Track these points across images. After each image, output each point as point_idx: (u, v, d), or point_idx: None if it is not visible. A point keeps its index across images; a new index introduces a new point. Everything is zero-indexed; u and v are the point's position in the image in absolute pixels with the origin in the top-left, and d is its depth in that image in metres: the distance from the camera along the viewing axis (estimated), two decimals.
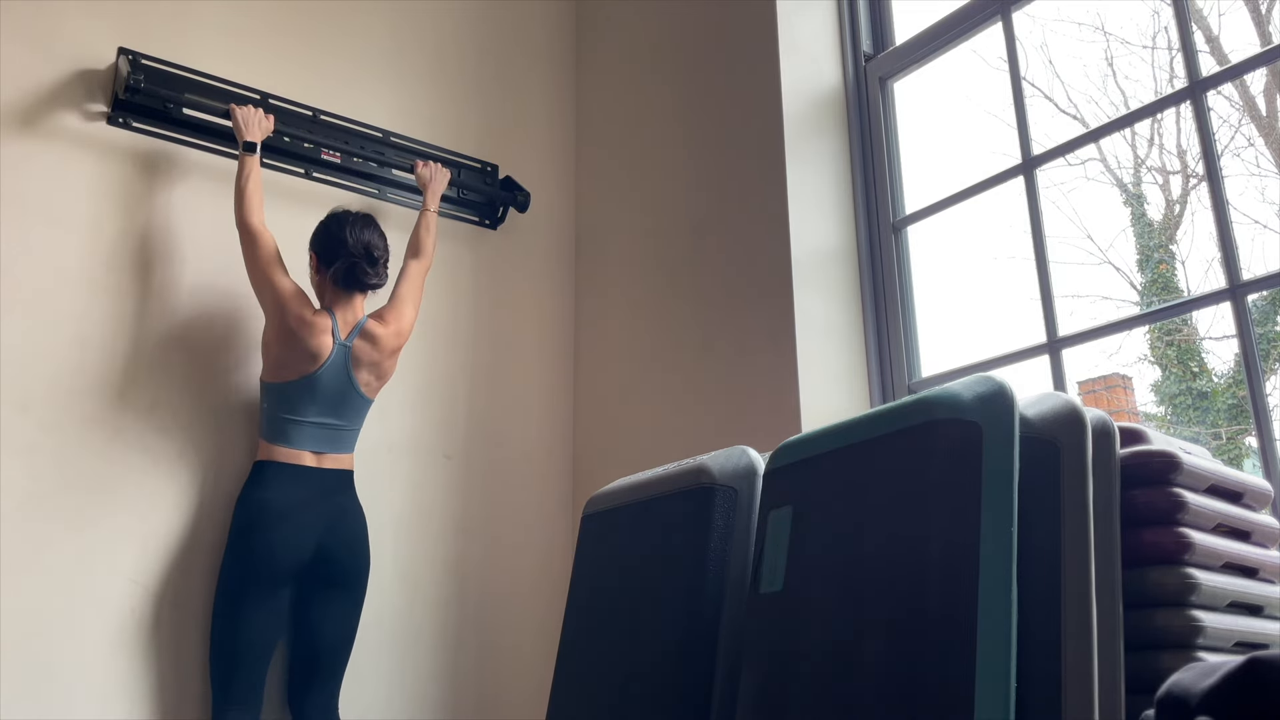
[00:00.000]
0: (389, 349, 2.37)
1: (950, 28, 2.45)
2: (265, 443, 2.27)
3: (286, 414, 2.25)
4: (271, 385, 2.28)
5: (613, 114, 3.12)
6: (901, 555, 1.30)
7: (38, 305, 2.25)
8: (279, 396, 2.26)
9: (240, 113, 2.42)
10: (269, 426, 2.27)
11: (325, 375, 2.27)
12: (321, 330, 2.27)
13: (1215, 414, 2.85)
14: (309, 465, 2.26)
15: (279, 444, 2.25)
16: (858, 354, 2.40)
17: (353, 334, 2.32)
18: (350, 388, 2.31)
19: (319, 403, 2.27)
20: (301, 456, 2.25)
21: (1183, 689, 0.83)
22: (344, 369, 2.29)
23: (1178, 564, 1.31)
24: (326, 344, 2.27)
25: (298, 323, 2.24)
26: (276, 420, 2.26)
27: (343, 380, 2.29)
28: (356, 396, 2.33)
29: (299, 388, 2.25)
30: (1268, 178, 2.46)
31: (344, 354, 2.30)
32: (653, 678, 1.68)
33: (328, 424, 2.29)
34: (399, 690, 2.51)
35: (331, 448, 2.30)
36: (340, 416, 2.31)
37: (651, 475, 1.95)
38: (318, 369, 2.26)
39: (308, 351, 2.25)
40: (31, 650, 2.09)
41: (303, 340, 2.24)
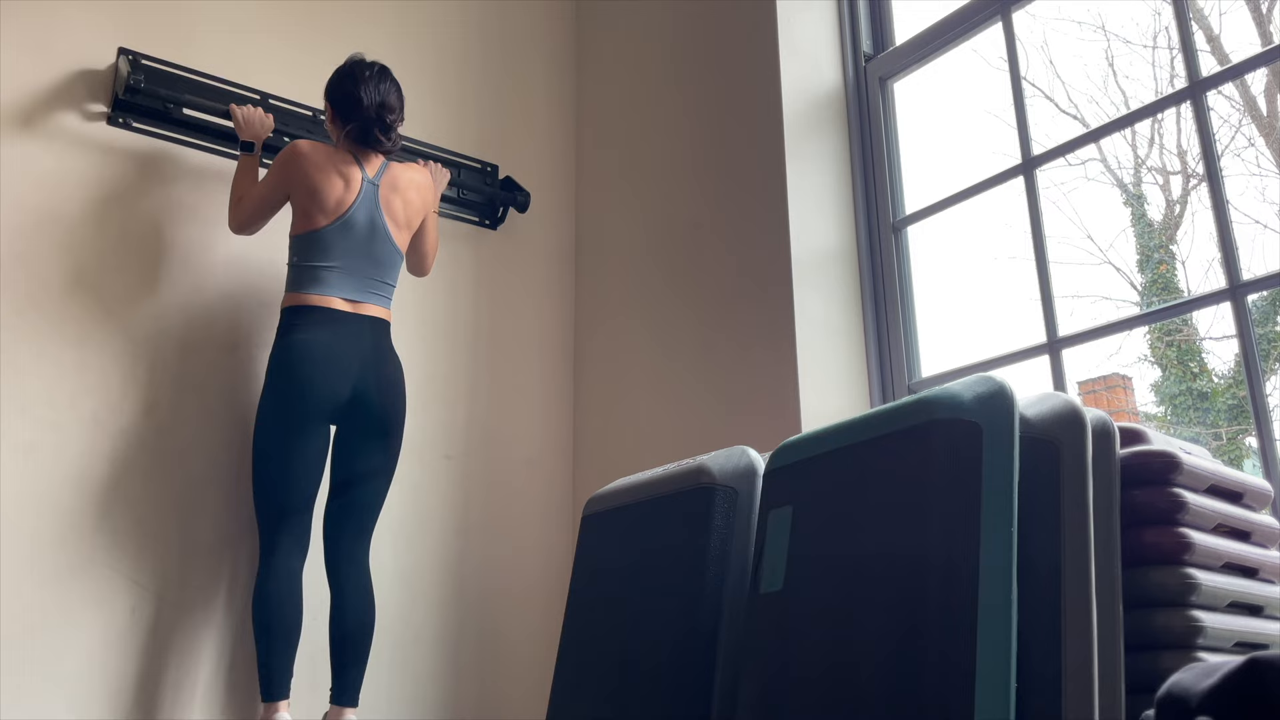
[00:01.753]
0: (416, 185, 2.38)
1: (950, 28, 2.45)
2: (293, 293, 2.23)
3: (317, 261, 2.22)
4: (302, 235, 2.25)
5: (613, 114, 3.12)
6: (901, 555, 1.30)
7: (38, 305, 2.25)
8: (309, 244, 2.24)
9: (240, 112, 2.42)
10: (299, 276, 2.23)
11: (358, 214, 2.26)
12: (347, 161, 2.28)
13: (1215, 414, 2.85)
14: (343, 309, 2.23)
15: (309, 291, 2.21)
16: (858, 354, 2.40)
17: (379, 173, 2.32)
18: (381, 228, 2.29)
19: (351, 247, 2.25)
20: (333, 301, 2.22)
21: (1183, 689, 0.83)
22: (374, 206, 2.29)
23: (1178, 564, 1.31)
24: (355, 175, 2.27)
25: (315, 151, 2.25)
26: (306, 269, 2.23)
27: (374, 219, 2.28)
28: (387, 241, 2.30)
29: (330, 231, 2.23)
30: (1268, 178, 2.46)
31: (373, 191, 2.30)
32: (652, 678, 1.68)
33: (361, 272, 2.26)
34: (399, 690, 2.51)
35: (365, 296, 2.27)
36: (373, 266, 2.28)
37: (651, 475, 1.95)
38: (349, 208, 2.24)
39: (339, 175, 2.24)
40: (31, 650, 2.09)
41: (329, 168, 2.24)
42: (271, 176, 2.29)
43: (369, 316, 2.26)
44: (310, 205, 2.24)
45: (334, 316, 2.20)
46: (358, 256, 2.26)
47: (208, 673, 2.26)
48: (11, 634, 2.08)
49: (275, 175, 2.28)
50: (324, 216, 2.24)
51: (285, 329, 2.20)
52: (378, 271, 2.29)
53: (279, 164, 2.27)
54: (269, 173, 2.30)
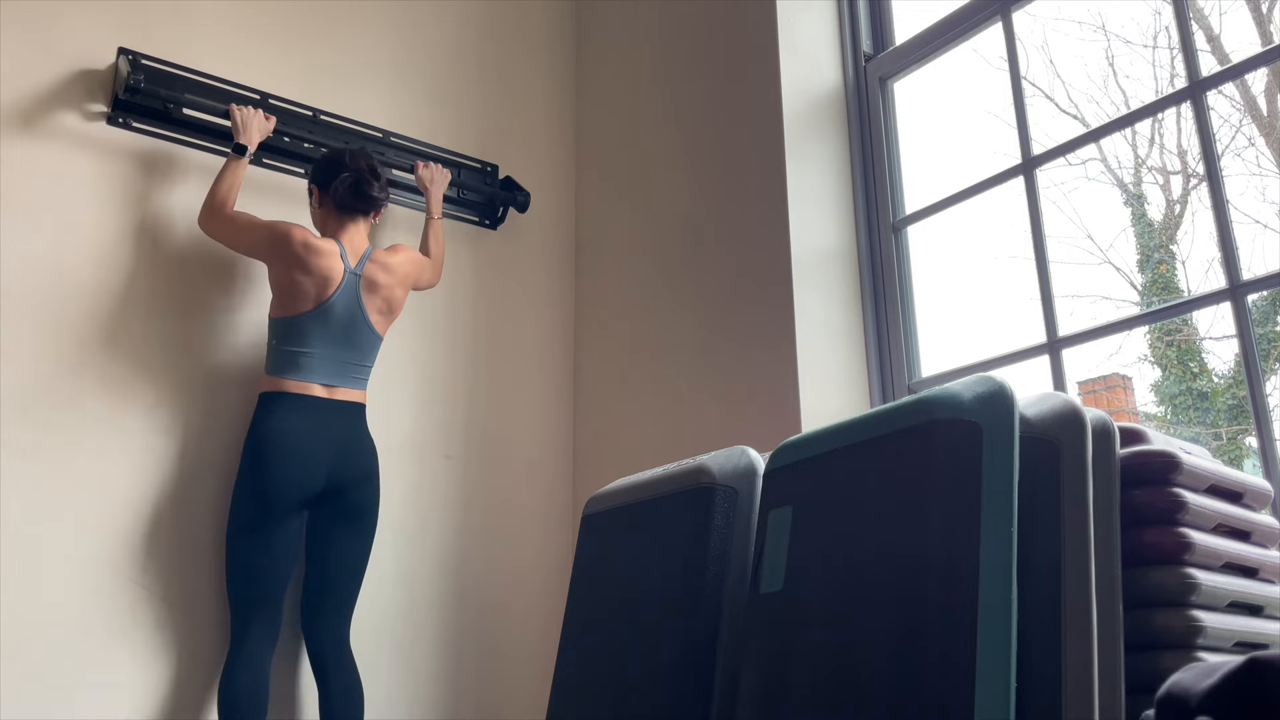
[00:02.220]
0: (401, 274, 2.39)
1: (950, 28, 2.45)
2: (272, 377, 2.25)
3: (296, 346, 2.23)
4: (281, 319, 2.26)
5: (613, 114, 3.12)
6: (902, 555, 1.30)
7: (38, 305, 2.25)
8: (289, 329, 2.24)
9: (240, 113, 2.42)
10: (277, 360, 2.24)
11: (337, 305, 2.26)
12: (329, 253, 2.27)
13: (1215, 414, 2.85)
14: (319, 396, 2.24)
15: (287, 376, 2.22)
16: (858, 354, 2.40)
17: (361, 262, 2.32)
18: (361, 319, 2.30)
19: (330, 335, 2.26)
20: (310, 388, 2.23)
21: (1183, 689, 0.83)
22: (355, 298, 2.29)
23: (1178, 564, 1.31)
24: (337, 267, 2.27)
25: (304, 248, 2.24)
26: (285, 353, 2.24)
27: (354, 310, 2.28)
28: (367, 330, 2.31)
29: (310, 319, 2.24)
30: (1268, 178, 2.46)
31: (355, 282, 2.29)
32: (653, 677, 1.68)
33: (338, 358, 2.27)
34: (399, 690, 2.51)
35: (342, 381, 2.28)
36: (351, 351, 2.29)
37: (651, 475, 1.95)
38: (329, 298, 2.24)
39: (320, 274, 2.24)
40: (32, 650, 2.09)
41: (311, 264, 2.23)
42: (262, 234, 2.28)
43: (344, 402, 2.27)
44: (291, 291, 2.24)
45: (309, 404, 2.22)
46: (336, 344, 2.27)
47: (208, 673, 2.26)
48: (11, 634, 2.08)
49: (265, 237, 2.27)
50: (304, 303, 2.24)
51: (261, 415, 2.21)
52: (355, 356, 2.31)
53: (273, 234, 2.26)
54: (263, 228, 2.28)
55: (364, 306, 2.31)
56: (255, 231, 2.29)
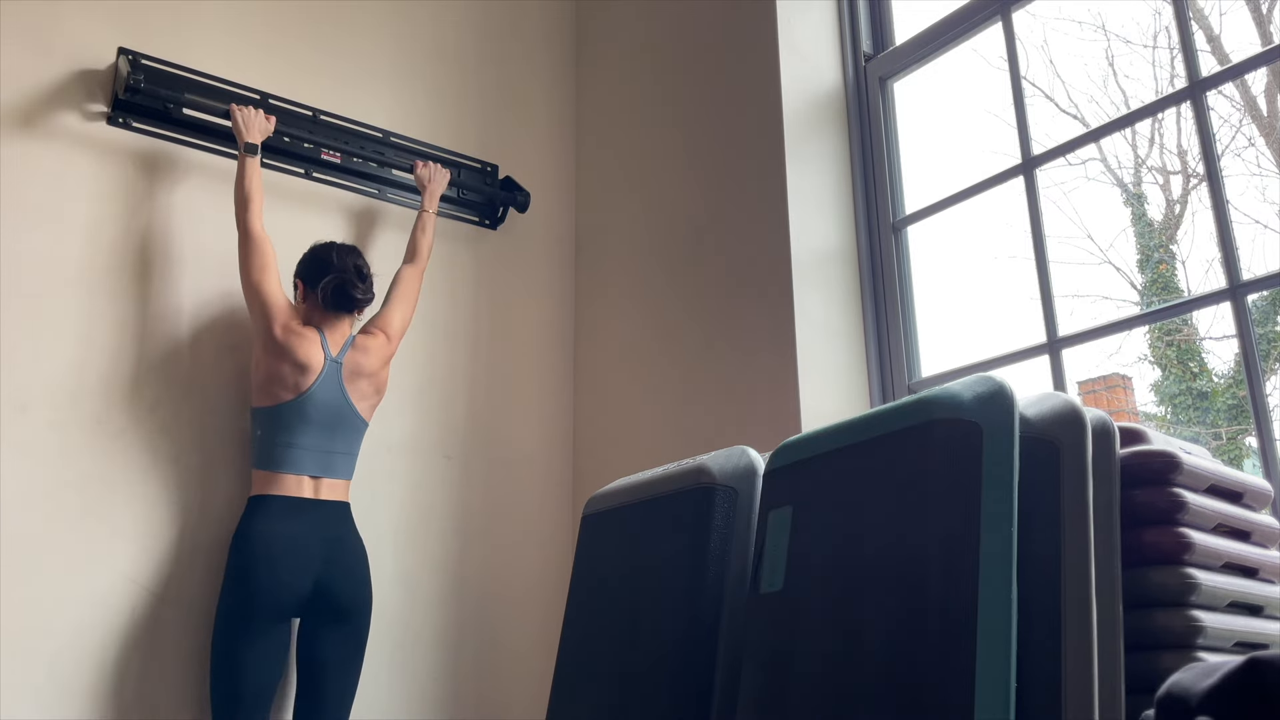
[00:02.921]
0: (381, 357, 2.37)
1: (950, 27, 2.44)
2: (259, 472, 2.22)
3: (280, 438, 2.21)
4: (263, 410, 2.24)
5: (613, 114, 3.12)
6: (901, 555, 1.30)
7: (38, 305, 2.25)
8: (272, 420, 2.22)
9: (240, 113, 2.42)
10: (262, 453, 2.22)
11: (319, 393, 2.24)
12: (310, 341, 2.26)
13: (1215, 414, 2.85)
14: (306, 497, 2.20)
15: (273, 470, 2.20)
16: (858, 354, 2.40)
17: (343, 350, 2.31)
18: (346, 407, 2.28)
19: (314, 425, 2.23)
20: (299, 484, 2.20)
21: (1183, 689, 0.83)
22: (338, 386, 2.27)
23: (1178, 564, 1.31)
24: (317, 356, 2.25)
25: (284, 332, 2.23)
26: (270, 446, 2.21)
27: (337, 399, 2.26)
28: (353, 416, 2.30)
29: (292, 409, 2.22)
30: (1268, 178, 2.46)
31: (336, 371, 2.28)
32: (652, 677, 1.68)
33: (324, 448, 2.25)
34: (399, 690, 2.51)
35: (328, 473, 2.25)
36: (337, 440, 2.27)
37: (651, 475, 1.95)
38: (310, 387, 2.23)
39: (297, 363, 2.22)
40: (32, 650, 2.09)
41: (291, 350, 2.22)
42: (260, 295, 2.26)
43: (331, 502, 2.24)
44: (271, 377, 2.23)
45: (296, 508, 2.18)
46: (321, 432, 2.25)
47: (206, 673, 2.26)
48: (11, 633, 2.08)
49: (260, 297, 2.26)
50: (285, 392, 2.23)
51: (247, 518, 2.18)
52: (341, 445, 2.28)
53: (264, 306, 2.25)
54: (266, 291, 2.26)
55: (348, 395, 2.29)
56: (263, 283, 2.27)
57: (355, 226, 2.75)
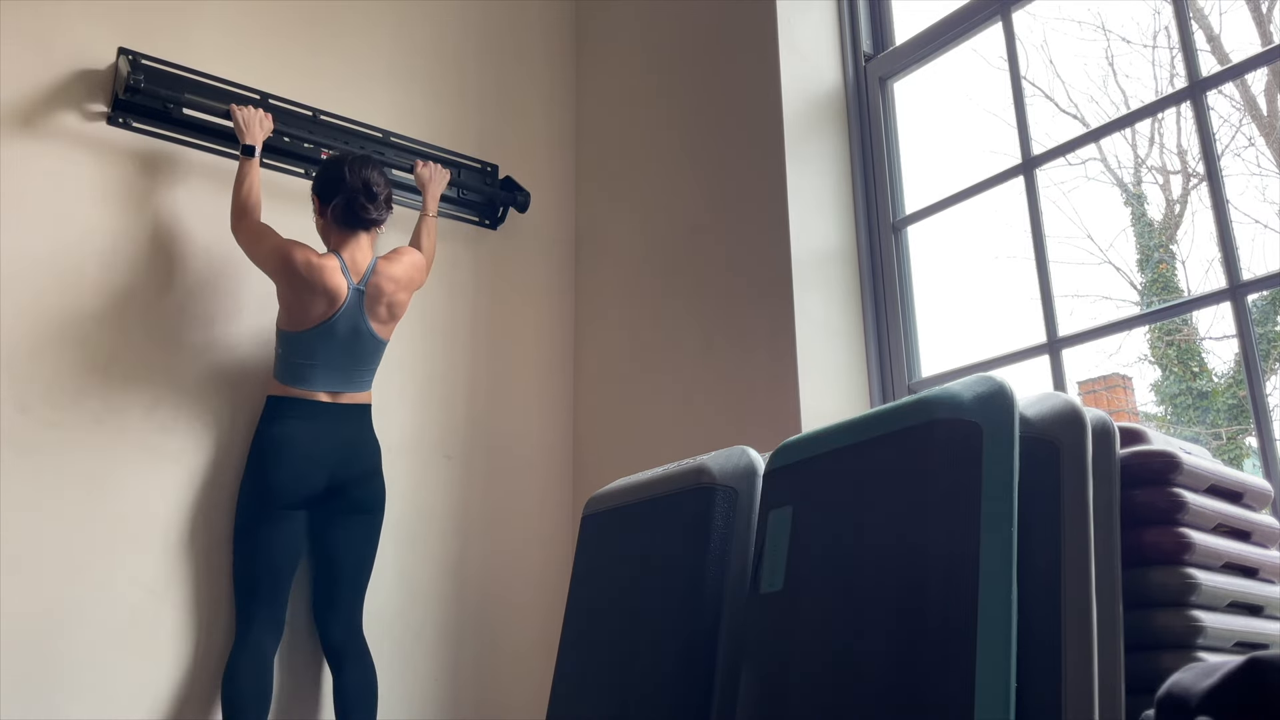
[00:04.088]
0: (405, 280, 2.39)
1: (950, 27, 2.44)
2: (278, 383, 2.31)
3: (302, 359, 2.28)
4: (287, 333, 2.30)
5: (613, 114, 3.12)
6: (901, 555, 1.30)
7: (38, 305, 2.25)
8: (294, 343, 2.28)
9: (241, 113, 2.42)
10: (284, 369, 2.30)
11: (340, 321, 2.28)
12: (332, 270, 2.27)
13: (1215, 414, 2.85)
14: (324, 400, 2.30)
15: (292, 384, 2.29)
16: (858, 354, 2.40)
17: (364, 277, 2.33)
18: (365, 331, 2.32)
19: (334, 348, 2.29)
20: (315, 395, 2.29)
21: (1183, 689, 0.83)
22: (358, 313, 2.31)
23: (1178, 564, 1.31)
24: (340, 285, 2.28)
25: (306, 266, 2.25)
26: (291, 364, 2.29)
27: (357, 323, 2.31)
28: (371, 340, 2.34)
29: (315, 334, 2.27)
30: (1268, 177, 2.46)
31: (358, 298, 2.31)
32: (653, 678, 1.68)
33: (343, 367, 2.32)
34: (399, 689, 2.51)
35: (346, 387, 2.34)
36: (355, 361, 2.33)
37: (651, 475, 1.95)
38: (334, 314, 2.27)
39: (324, 291, 2.25)
40: (32, 650, 2.09)
41: (315, 282, 2.24)
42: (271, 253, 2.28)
43: (348, 405, 2.33)
44: (296, 309, 2.27)
45: (313, 408, 2.29)
46: (340, 355, 2.31)
47: (207, 673, 2.26)
48: (12, 633, 2.08)
49: (272, 256, 2.28)
50: (309, 320, 2.27)
51: (266, 418, 2.29)
52: (359, 365, 2.35)
53: (278, 255, 2.27)
54: (272, 245, 2.28)
55: (367, 320, 2.33)
56: (267, 248, 2.30)
57: None
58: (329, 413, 2.30)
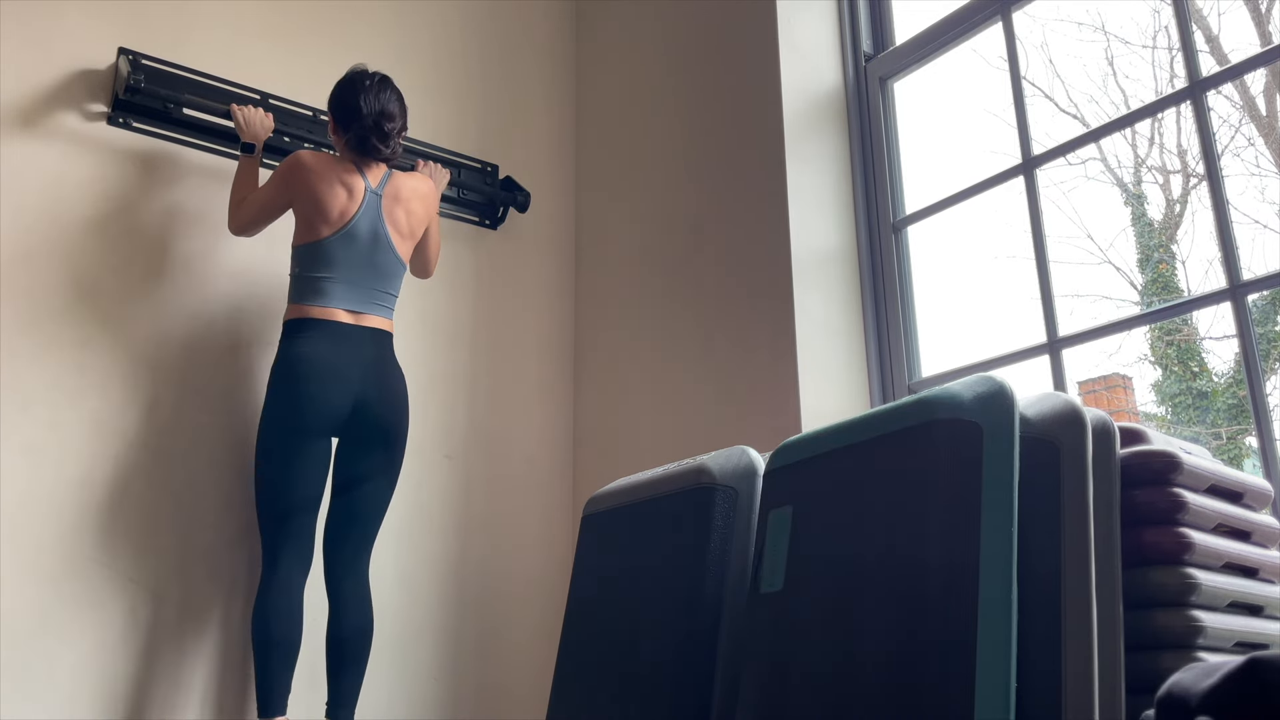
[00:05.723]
0: (421, 193, 2.37)
1: (950, 28, 2.45)
2: (295, 305, 2.22)
3: (319, 272, 2.22)
4: (304, 246, 2.25)
5: (613, 114, 3.12)
6: (902, 555, 1.30)
7: (38, 305, 2.25)
8: (312, 254, 2.23)
9: (241, 113, 2.42)
10: (300, 288, 2.23)
11: (360, 224, 2.25)
12: (350, 171, 2.27)
13: (1215, 414, 2.85)
14: (345, 321, 2.22)
15: (312, 302, 2.21)
16: (858, 354, 2.40)
17: (382, 183, 2.32)
18: (384, 239, 2.28)
19: (354, 258, 2.24)
20: (336, 314, 2.21)
21: (1183, 689, 0.83)
22: (377, 217, 2.28)
23: (1178, 564, 1.31)
24: (358, 183, 2.26)
25: (319, 162, 2.24)
26: (308, 280, 2.22)
27: (376, 230, 2.27)
28: (389, 252, 2.30)
29: (332, 243, 2.23)
30: (1268, 177, 2.46)
31: (376, 201, 2.29)
32: (653, 677, 1.68)
33: (363, 283, 2.25)
34: (399, 690, 2.51)
35: (368, 308, 2.26)
36: (375, 277, 2.28)
37: (651, 475, 1.95)
38: (352, 218, 2.23)
39: (342, 185, 2.23)
40: (32, 650, 2.09)
41: (332, 176, 2.23)
42: (273, 184, 2.28)
43: (371, 328, 2.25)
44: (313, 216, 2.23)
45: (336, 329, 2.19)
46: (360, 267, 2.25)
47: (206, 673, 2.26)
48: (11, 633, 2.08)
49: (277, 183, 2.28)
50: (327, 227, 2.23)
51: (287, 340, 2.19)
52: (380, 282, 2.29)
53: (282, 172, 2.27)
54: (271, 179, 2.29)
55: (386, 227, 2.29)
56: (273, 190, 2.28)
57: None
58: (352, 334, 2.20)
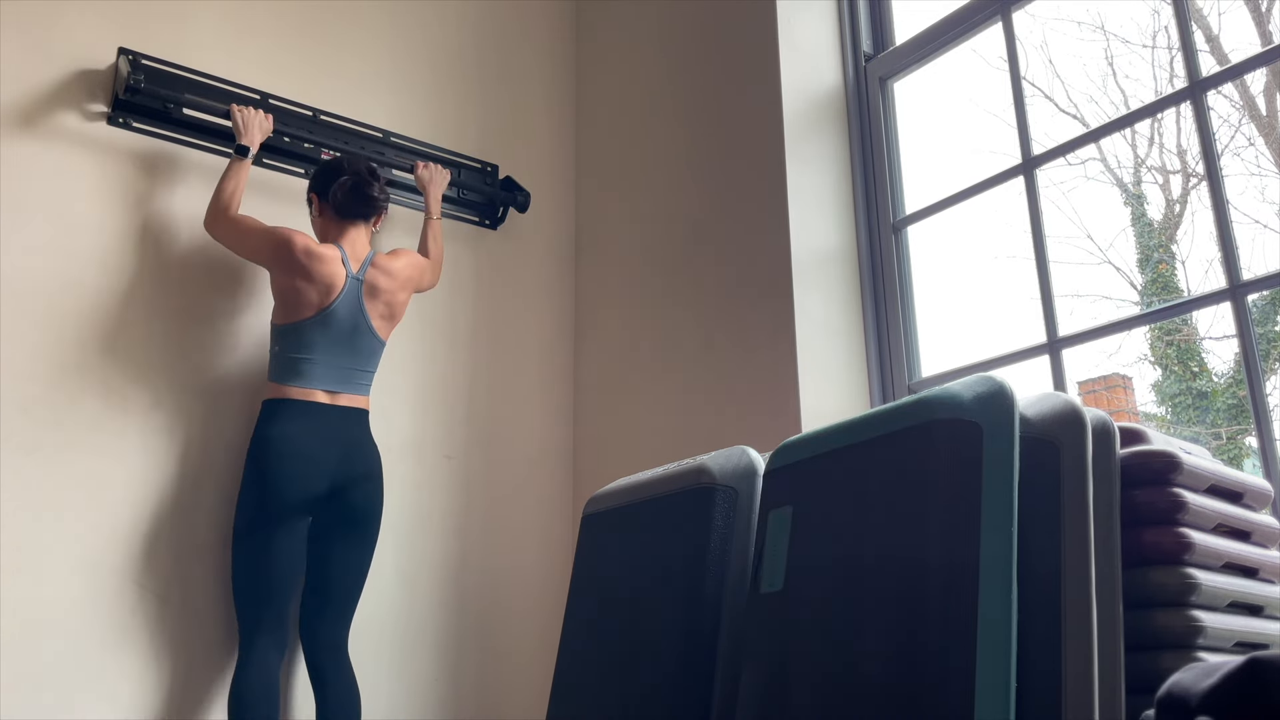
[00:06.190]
0: (403, 278, 2.38)
1: (950, 28, 2.45)
2: (274, 384, 2.24)
3: (298, 353, 2.23)
4: (283, 326, 2.26)
5: (613, 114, 3.12)
6: (901, 555, 1.30)
7: (38, 305, 2.25)
8: (291, 336, 2.24)
9: (241, 114, 2.42)
10: (280, 367, 2.24)
11: (339, 310, 2.25)
12: (331, 259, 2.27)
13: (1215, 414, 2.85)
14: (322, 402, 2.24)
15: (290, 383, 2.22)
16: (858, 354, 2.40)
17: (363, 268, 2.32)
18: (364, 324, 2.29)
19: (332, 341, 2.25)
20: (313, 394, 2.23)
21: (1183, 689, 0.83)
22: (357, 303, 2.28)
23: (1178, 564, 1.31)
24: (339, 273, 2.26)
25: (305, 254, 2.23)
26: (287, 360, 2.23)
27: (356, 316, 2.28)
28: (370, 335, 2.31)
29: (312, 325, 2.23)
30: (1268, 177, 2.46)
31: (357, 288, 2.29)
32: (653, 677, 1.68)
33: (342, 364, 2.27)
34: (399, 690, 2.51)
35: (345, 387, 2.28)
36: (353, 357, 2.29)
37: (651, 475, 1.95)
38: (332, 303, 2.24)
39: (322, 280, 2.23)
40: (32, 651, 2.09)
41: (313, 270, 2.23)
42: (264, 239, 2.27)
43: (347, 408, 2.27)
44: (292, 298, 2.24)
45: (312, 410, 2.21)
46: (339, 348, 2.26)
47: (206, 674, 2.26)
48: (11, 634, 2.08)
49: (266, 243, 2.27)
50: (306, 310, 2.24)
51: (264, 421, 2.21)
52: (358, 361, 2.30)
53: (274, 240, 2.26)
54: (265, 233, 2.27)
55: (366, 312, 2.31)
56: (257, 237, 2.28)
57: None
58: (328, 414, 2.23)
